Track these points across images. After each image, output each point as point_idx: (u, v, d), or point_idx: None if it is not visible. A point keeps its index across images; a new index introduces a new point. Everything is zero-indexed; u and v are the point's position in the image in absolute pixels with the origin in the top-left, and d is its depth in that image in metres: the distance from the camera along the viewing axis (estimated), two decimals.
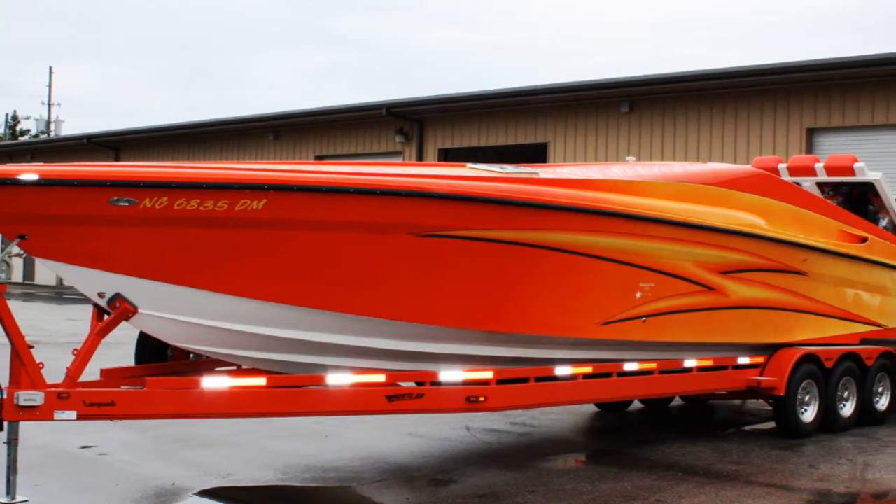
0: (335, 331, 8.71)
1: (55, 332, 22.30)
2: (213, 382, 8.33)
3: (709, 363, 11.56)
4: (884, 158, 21.18)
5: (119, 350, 10.22)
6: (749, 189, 11.76)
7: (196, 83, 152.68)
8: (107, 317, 8.10)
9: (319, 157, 36.05)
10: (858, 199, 14.76)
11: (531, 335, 9.74)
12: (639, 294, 10.32)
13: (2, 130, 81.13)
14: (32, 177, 7.34)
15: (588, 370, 10.28)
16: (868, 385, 13.19)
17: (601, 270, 9.90)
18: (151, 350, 9.55)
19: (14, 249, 7.70)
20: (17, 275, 52.42)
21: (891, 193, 14.61)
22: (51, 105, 77.43)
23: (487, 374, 9.45)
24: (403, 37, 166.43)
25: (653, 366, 10.87)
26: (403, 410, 9.13)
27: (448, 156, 32.35)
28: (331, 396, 8.73)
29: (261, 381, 8.50)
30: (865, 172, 14.38)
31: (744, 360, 11.94)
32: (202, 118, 42.21)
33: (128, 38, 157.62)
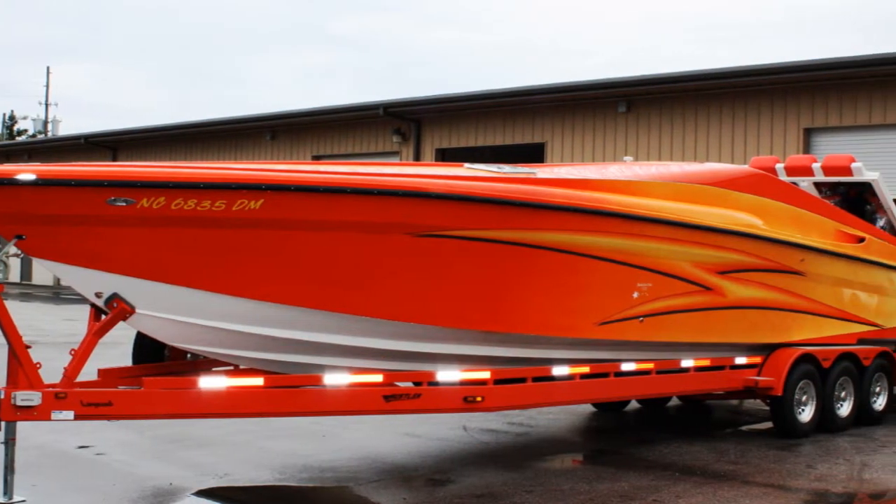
0: (332, 331, 8.71)
1: (52, 332, 22.29)
2: (211, 382, 8.32)
3: (706, 363, 11.56)
4: (881, 158, 21.19)
5: (116, 350, 10.22)
6: (746, 189, 11.77)
7: (194, 83, 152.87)
8: (104, 317, 8.09)
9: (317, 157, 36.05)
10: (856, 199, 14.76)
11: (528, 335, 9.73)
12: (636, 294, 10.32)
13: None
14: (30, 177, 7.34)
15: (585, 370, 10.28)
16: (865, 385, 13.19)
17: (598, 270, 9.90)
18: (149, 350, 9.55)
19: (11, 249, 7.70)
20: (15, 275, 52.41)
21: (888, 193, 14.61)
22: (48, 105, 77.51)
23: (485, 374, 9.45)
24: (401, 37, 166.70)
25: (650, 366, 10.87)
26: (401, 410, 9.13)
27: (445, 156, 32.35)
28: (328, 396, 8.72)
29: (258, 381, 8.49)
30: (863, 172, 14.39)
31: (741, 360, 11.94)
32: (199, 118, 42.24)
33: (126, 39, 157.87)
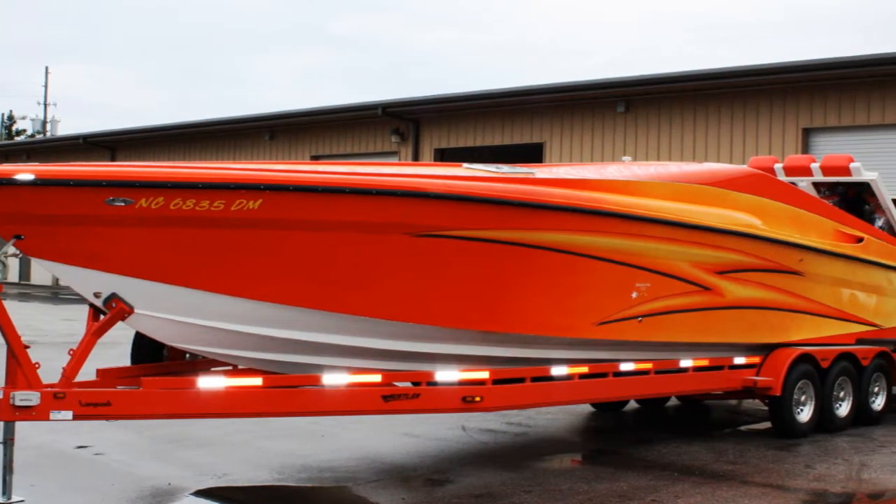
0: (331, 331, 8.71)
1: (51, 332, 22.29)
2: (209, 382, 8.32)
3: (705, 363, 11.56)
4: (880, 158, 21.20)
5: (115, 350, 10.22)
6: (745, 189, 11.77)
7: (192, 83, 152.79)
8: (103, 317, 8.08)
9: (315, 157, 36.04)
10: (854, 199, 14.76)
11: (527, 335, 9.73)
12: (635, 294, 10.32)
13: None
14: (28, 177, 7.34)
15: (584, 370, 10.27)
16: (864, 385, 13.20)
17: (597, 270, 9.90)
18: (147, 350, 9.54)
19: (10, 249, 7.69)
20: (14, 275, 52.40)
21: (887, 193, 14.61)
22: (47, 105, 77.46)
23: (483, 374, 9.45)
24: (399, 37, 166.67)
25: (649, 366, 10.87)
26: (399, 410, 9.13)
27: (444, 156, 32.35)
28: (327, 396, 8.72)
29: (257, 381, 8.49)
30: (861, 172, 14.39)
31: (740, 360, 11.94)
32: (198, 118, 42.24)
33: (124, 39, 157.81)
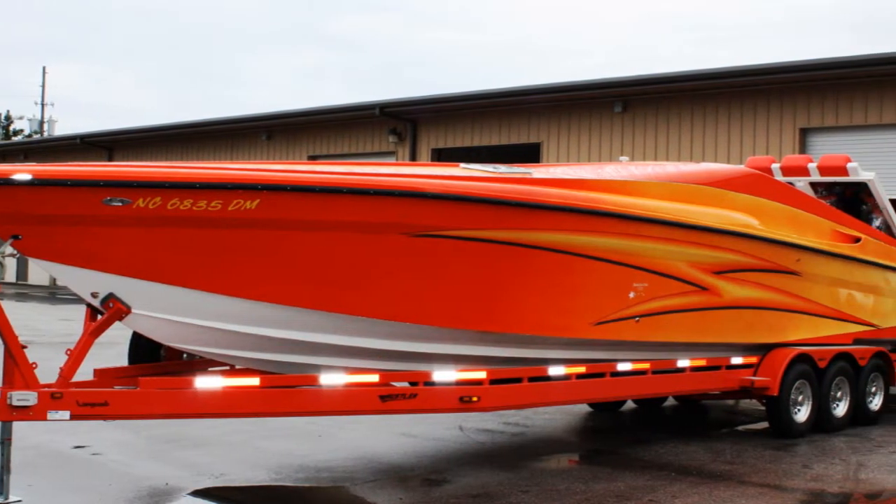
0: (328, 331, 8.71)
1: (48, 332, 22.26)
2: (207, 382, 8.32)
3: (702, 363, 11.56)
4: (877, 158, 21.22)
5: (112, 350, 10.22)
6: (742, 189, 11.77)
7: (189, 83, 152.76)
8: (100, 317, 8.08)
9: (312, 157, 36.03)
10: (852, 199, 14.77)
11: (524, 335, 9.73)
12: (632, 294, 10.32)
13: None
14: (26, 177, 7.33)
15: (581, 370, 10.28)
16: (861, 385, 13.20)
17: (594, 270, 9.90)
18: (145, 350, 9.54)
19: (8, 249, 7.70)
20: (11, 274, 52.38)
21: (884, 193, 14.62)
22: (44, 105, 77.51)
23: (481, 374, 9.45)
24: (397, 37, 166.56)
25: (646, 366, 10.88)
26: (397, 410, 9.13)
27: (441, 156, 32.36)
28: (324, 396, 8.72)
29: (254, 381, 8.49)
30: (859, 172, 14.40)
31: (737, 360, 11.94)
32: (195, 118, 42.24)
33: (121, 39, 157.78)
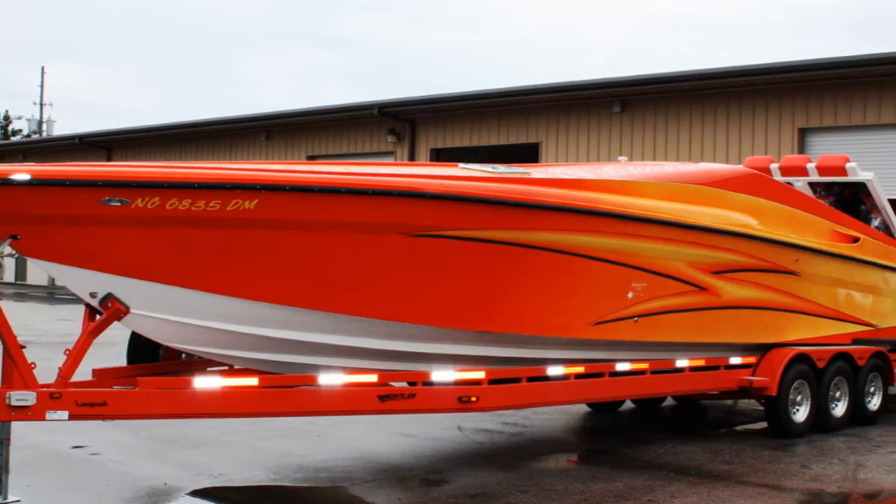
0: (327, 331, 8.71)
1: (47, 332, 22.25)
2: (205, 382, 8.31)
3: (701, 363, 11.56)
4: (876, 158, 21.22)
5: (111, 350, 10.21)
6: (741, 189, 11.77)
7: (188, 83, 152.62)
8: (99, 317, 8.09)
9: (311, 157, 36.03)
10: (850, 199, 14.78)
11: (523, 335, 9.73)
12: (631, 294, 10.32)
13: None
14: (24, 177, 7.32)
15: (580, 370, 10.28)
16: (860, 385, 13.20)
17: (593, 270, 9.90)
18: (143, 350, 9.54)
19: (6, 249, 7.68)
20: (9, 275, 52.36)
21: (883, 193, 14.62)
22: (42, 105, 77.45)
23: (479, 374, 9.45)
24: (395, 37, 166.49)
25: (645, 366, 10.88)
26: (395, 410, 9.12)
27: (440, 156, 32.36)
28: (323, 396, 8.72)
29: (253, 381, 8.49)
30: (857, 172, 14.40)
31: (736, 360, 11.94)
32: (194, 118, 42.23)
33: (120, 39, 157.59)
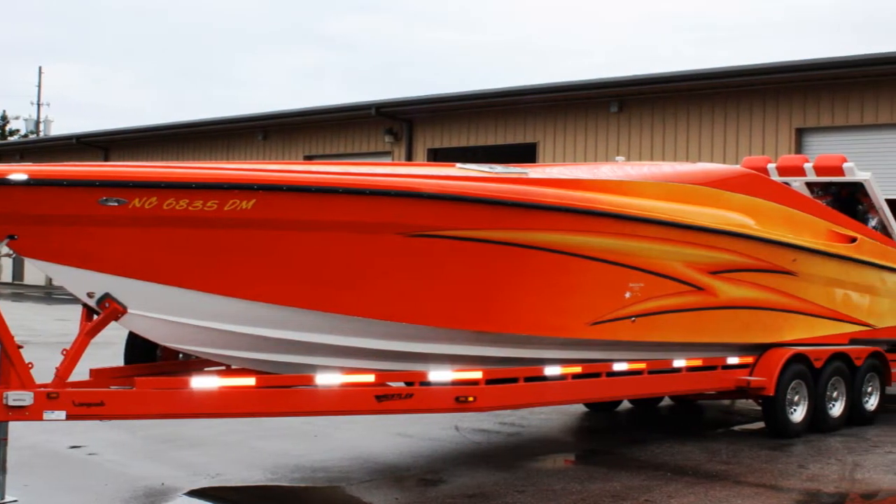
0: (324, 331, 8.71)
1: (44, 332, 22.24)
2: (203, 382, 8.32)
3: (698, 363, 11.56)
4: (873, 158, 21.23)
5: (108, 350, 10.21)
6: (738, 189, 11.78)
7: (185, 83, 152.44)
8: (96, 317, 8.08)
9: (309, 158, 36.01)
10: (848, 199, 14.78)
11: (520, 335, 9.73)
12: (628, 294, 10.32)
13: None
14: (22, 177, 7.32)
15: (577, 370, 10.28)
16: (857, 385, 13.21)
17: (590, 270, 9.90)
18: (141, 350, 9.53)
19: (3, 249, 7.68)
20: (7, 275, 52.35)
21: (880, 193, 14.64)
22: (40, 105, 77.37)
23: (477, 374, 9.45)
24: (393, 37, 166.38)
25: (642, 366, 10.88)
26: (393, 410, 9.12)
27: (437, 156, 32.34)
28: (320, 396, 8.72)
29: (250, 381, 8.49)
30: (855, 172, 14.41)
31: (733, 360, 11.94)
32: (191, 118, 42.20)
33: (117, 39, 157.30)
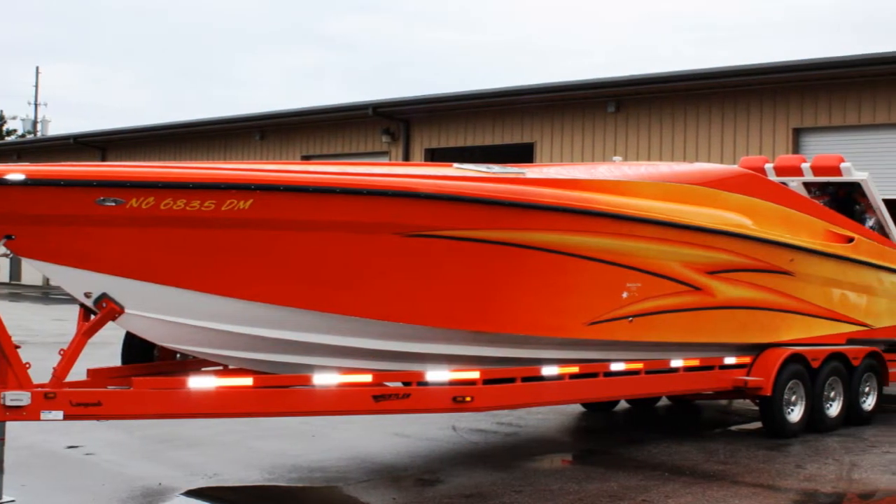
0: (322, 331, 8.71)
1: (42, 332, 22.24)
2: (200, 382, 8.32)
3: (695, 363, 11.56)
4: (870, 158, 21.23)
5: (106, 350, 10.19)
6: (736, 189, 11.78)
7: (185, 83, 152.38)
8: (93, 317, 8.08)
9: (306, 157, 36.00)
10: (845, 199, 14.79)
11: (518, 335, 9.74)
12: (625, 294, 10.33)
13: None
14: (19, 177, 7.32)
15: (575, 370, 10.28)
16: (855, 385, 13.21)
17: (588, 270, 9.91)
18: (138, 350, 9.53)
19: (1, 249, 7.68)
20: (4, 275, 52.30)
21: (877, 193, 14.64)
22: (37, 105, 77.30)
23: (474, 374, 9.45)
24: (395, 37, 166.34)
25: (639, 366, 10.88)
26: (390, 410, 9.13)
27: (434, 156, 32.32)
28: (317, 396, 8.72)
29: (247, 381, 8.49)
30: (852, 172, 14.42)
31: (730, 360, 11.95)
32: (189, 118, 42.18)
33: (115, 38, 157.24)
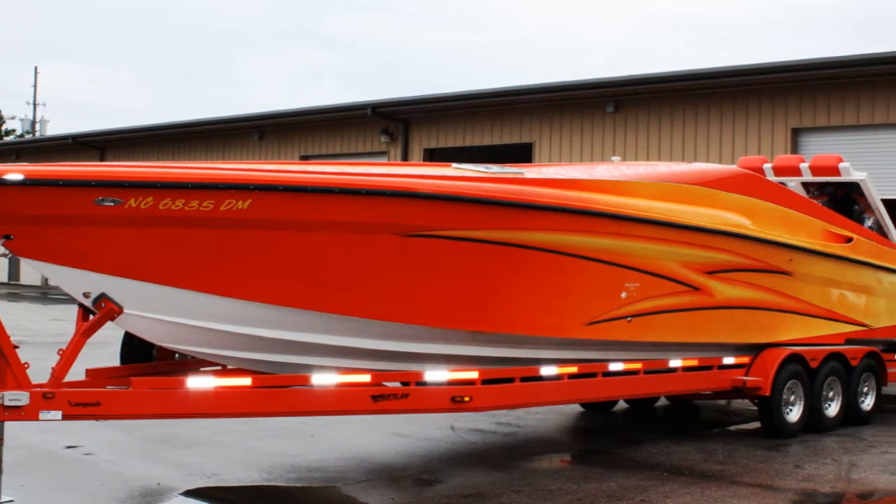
0: (320, 331, 8.71)
1: (40, 332, 22.23)
2: (199, 382, 8.31)
3: (694, 363, 11.57)
4: (869, 158, 21.22)
5: (104, 350, 10.19)
6: (734, 189, 11.79)
7: (185, 83, 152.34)
8: (92, 317, 8.07)
9: (304, 157, 35.97)
10: (844, 199, 14.79)
11: (516, 335, 9.74)
12: (624, 294, 10.33)
13: None
14: (17, 177, 7.32)
15: (573, 370, 10.28)
16: (853, 385, 13.22)
17: (586, 270, 9.91)
18: (137, 350, 9.53)
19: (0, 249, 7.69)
20: (3, 275, 52.29)
21: (876, 193, 14.64)
22: (36, 105, 77.25)
23: (472, 374, 9.45)
24: (395, 37, 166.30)
25: (638, 366, 10.89)
26: (389, 410, 9.13)
27: (433, 156, 32.31)
28: (316, 396, 8.72)
29: (246, 381, 8.49)
30: (850, 172, 14.42)
31: (729, 360, 11.96)
32: (188, 118, 42.16)
33: (114, 39, 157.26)
